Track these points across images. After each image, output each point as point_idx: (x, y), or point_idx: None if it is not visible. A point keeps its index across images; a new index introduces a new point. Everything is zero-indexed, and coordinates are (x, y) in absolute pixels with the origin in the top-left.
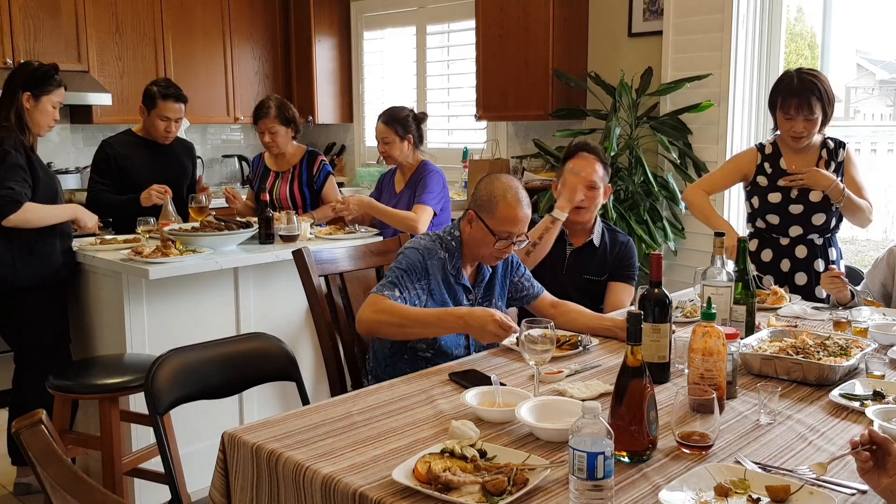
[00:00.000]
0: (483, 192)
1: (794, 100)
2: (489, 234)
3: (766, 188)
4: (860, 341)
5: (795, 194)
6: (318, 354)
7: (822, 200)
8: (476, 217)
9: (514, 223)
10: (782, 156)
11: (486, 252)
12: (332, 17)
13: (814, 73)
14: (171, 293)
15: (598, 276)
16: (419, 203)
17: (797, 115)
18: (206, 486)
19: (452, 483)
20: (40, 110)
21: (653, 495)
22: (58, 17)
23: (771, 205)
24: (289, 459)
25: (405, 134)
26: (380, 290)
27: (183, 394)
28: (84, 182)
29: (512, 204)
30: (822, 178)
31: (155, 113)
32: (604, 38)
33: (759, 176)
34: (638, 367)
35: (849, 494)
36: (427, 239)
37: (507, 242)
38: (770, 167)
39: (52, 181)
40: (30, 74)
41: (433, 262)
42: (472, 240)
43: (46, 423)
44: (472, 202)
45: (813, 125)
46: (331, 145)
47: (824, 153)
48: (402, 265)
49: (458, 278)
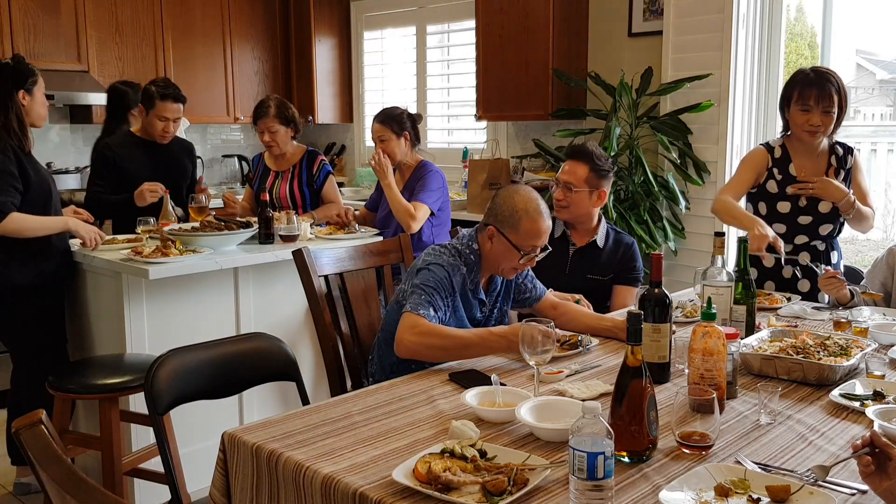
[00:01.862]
0: (504, 207)
1: (813, 90)
2: (513, 249)
3: (776, 196)
4: (860, 341)
5: (804, 203)
6: (318, 354)
7: (831, 211)
8: (498, 233)
9: (537, 236)
10: (792, 160)
11: (508, 266)
12: (332, 17)
13: (828, 69)
14: (171, 293)
15: (602, 276)
16: (417, 201)
17: (816, 107)
18: (206, 486)
19: (452, 483)
20: (37, 102)
21: (653, 495)
22: (57, 17)
23: (779, 214)
24: (289, 459)
25: (401, 131)
26: (415, 309)
27: (183, 394)
28: (84, 182)
29: (535, 217)
30: (834, 189)
31: (153, 113)
32: (604, 38)
33: (769, 180)
34: (638, 367)
35: (849, 494)
36: (447, 254)
37: (530, 256)
38: (780, 173)
39: (45, 184)
40: (15, 72)
41: (456, 279)
42: (494, 255)
43: (46, 423)
44: (492, 217)
45: (829, 120)
46: (331, 145)
47: (833, 160)
48: (430, 283)
49: (475, 292)
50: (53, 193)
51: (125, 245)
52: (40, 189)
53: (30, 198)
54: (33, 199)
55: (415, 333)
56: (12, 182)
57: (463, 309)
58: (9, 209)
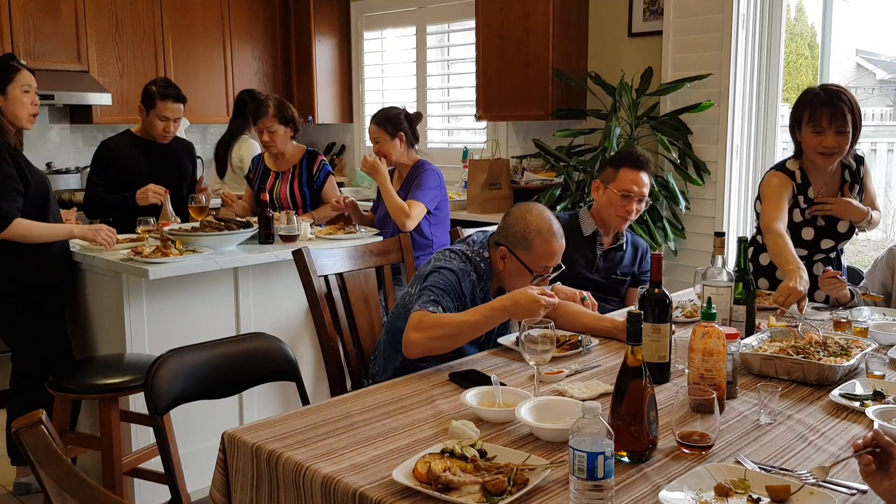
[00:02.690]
0: (516, 228)
1: (825, 111)
2: (526, 270)
3: (800, 224)
4: (860, 341)
5: (822, 224)
6: (318, 354)
7: (848, 230)
8: (510, 253)
9: (551, 258)
10: (811, 184)
11: (519, 285)
12: (332, 17)
13: (839, 86)
14: (171, 293)
15: (625, 276)
16: (412, 199)
17: (829, 128)
18: (206, 486)
19: (452, 483)
20: (12, 101)
21: (653, 495)
22: (58, 17)
23: (802, 241)
24: (289, 459)
25: (395, 132)
26: (423, 306)
27: (183, 394)
28: (84, 182)
29: (548, 239)
30: (853, 210)
31: (154, 113)
32: (604, 38)
33: (793, 210)
34: (638, 367)
35: (849, 494)
36: (457, 259)
37: (544, 277)
38: (804, 201)
39: (42, 184)
40: None
41: (466, 285)
42: (507, 275)
43: (46, 423)
44: (503, 237)
45: (845, 140)
46: (331, 145)
47: (847, 175)
48: (440, 285)
49: (485, 300)
50: (50, 193)
51: (125, 245)
52: (38, 189)
53: (29, 198)
54: (32, 198)
55: (419, 329)
56: (14, 186)
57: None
58: (14, 215)
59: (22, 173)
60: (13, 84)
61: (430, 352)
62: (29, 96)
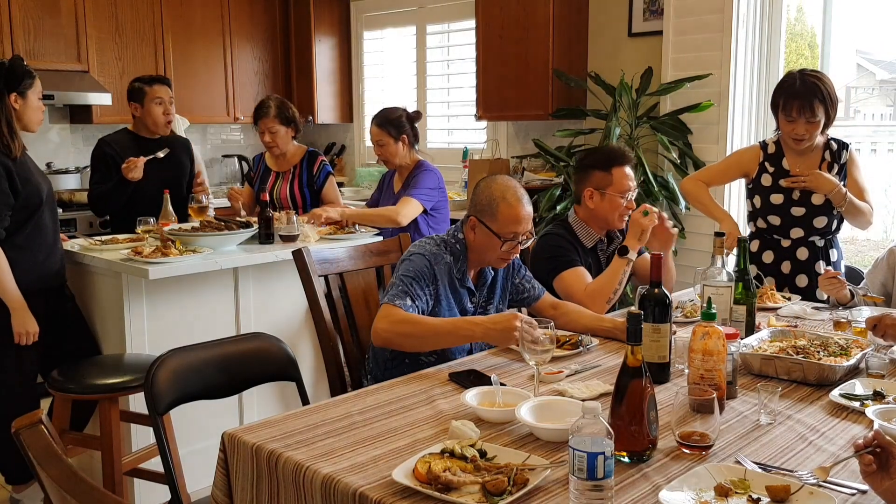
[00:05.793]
0: (482, 197)
1: (796, 102)
2: (494, 237)
3: (769, 188)
4: (860, 341)
5: (797, 196)
6: (318, 354)
7: (825, 203)
8: (479, 222)
9: (517, 223)
10: (785, 156)
11: (493, 256)
12: (332, 17)
13: (817, 75)
14: (171, 293)
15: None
16: (406, 196)
17: (799, 118)
18: (206, 486)
19: (452, 483)
20: (30, 107)
21: (653, 495)
22: (58, 17)
23: (773, 206)
24: (289, 459)
25: (399, 135)
26: (391, 300)
27: (183, 394)
28: (84, 182)
29: (513, 203)
30: (824, 181)
31: (148, 99)
32: (604, 38)
33: (762, 174)
34: (638, 367)
35: (849, 494)
36: (432, 243)
37: (513, 243)
38: (772, 167)
39: (36, 193)
40: (7, 74)
41: (440, 268)
42: (478, 245)
43: (46, 424)
44: (472, 207)
45: (815, 128)
46: (331, 145)
47: (827, 155)
48: (409, 273)
49: (462, 281)
50: (45, 198)
51: (125, 245)
52: (29, 200)
53: (16, 206)
54: (19, 207)
55: (388, 322)
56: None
57: (453, 299)
58: None
59: (13, 184)
60: (33, 89)
61: (391, 345)
62: (41, 104)
